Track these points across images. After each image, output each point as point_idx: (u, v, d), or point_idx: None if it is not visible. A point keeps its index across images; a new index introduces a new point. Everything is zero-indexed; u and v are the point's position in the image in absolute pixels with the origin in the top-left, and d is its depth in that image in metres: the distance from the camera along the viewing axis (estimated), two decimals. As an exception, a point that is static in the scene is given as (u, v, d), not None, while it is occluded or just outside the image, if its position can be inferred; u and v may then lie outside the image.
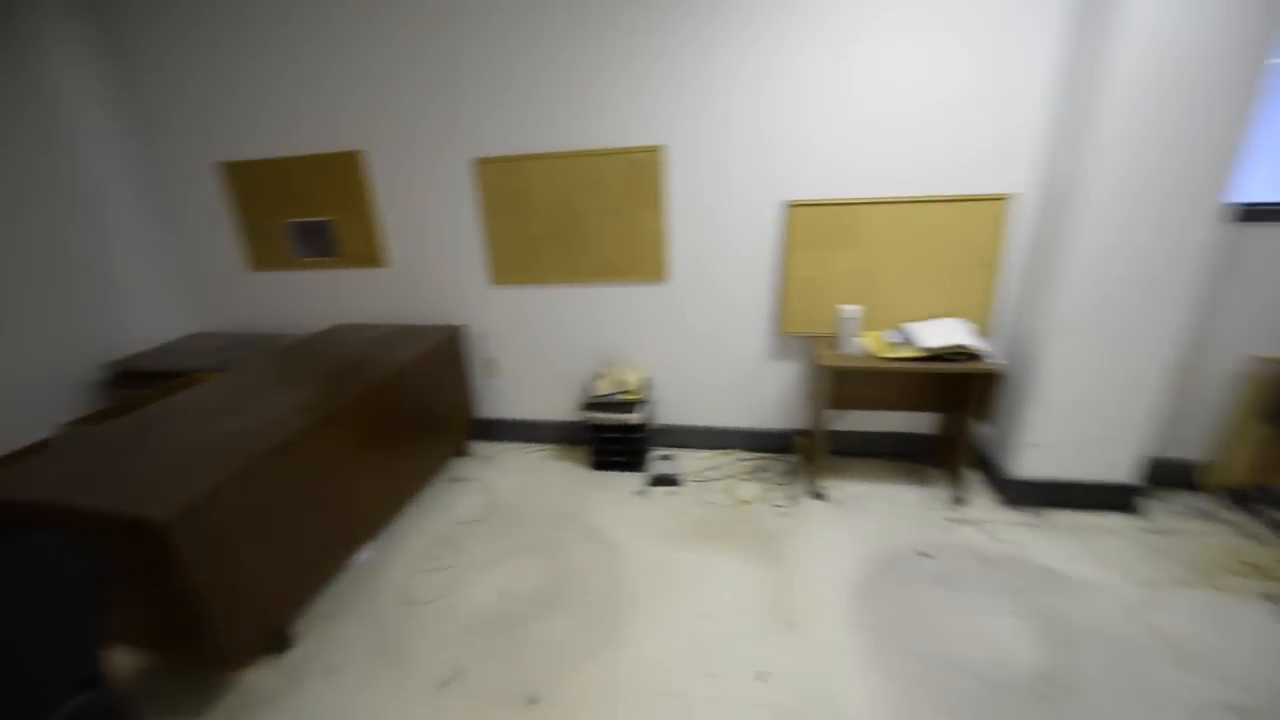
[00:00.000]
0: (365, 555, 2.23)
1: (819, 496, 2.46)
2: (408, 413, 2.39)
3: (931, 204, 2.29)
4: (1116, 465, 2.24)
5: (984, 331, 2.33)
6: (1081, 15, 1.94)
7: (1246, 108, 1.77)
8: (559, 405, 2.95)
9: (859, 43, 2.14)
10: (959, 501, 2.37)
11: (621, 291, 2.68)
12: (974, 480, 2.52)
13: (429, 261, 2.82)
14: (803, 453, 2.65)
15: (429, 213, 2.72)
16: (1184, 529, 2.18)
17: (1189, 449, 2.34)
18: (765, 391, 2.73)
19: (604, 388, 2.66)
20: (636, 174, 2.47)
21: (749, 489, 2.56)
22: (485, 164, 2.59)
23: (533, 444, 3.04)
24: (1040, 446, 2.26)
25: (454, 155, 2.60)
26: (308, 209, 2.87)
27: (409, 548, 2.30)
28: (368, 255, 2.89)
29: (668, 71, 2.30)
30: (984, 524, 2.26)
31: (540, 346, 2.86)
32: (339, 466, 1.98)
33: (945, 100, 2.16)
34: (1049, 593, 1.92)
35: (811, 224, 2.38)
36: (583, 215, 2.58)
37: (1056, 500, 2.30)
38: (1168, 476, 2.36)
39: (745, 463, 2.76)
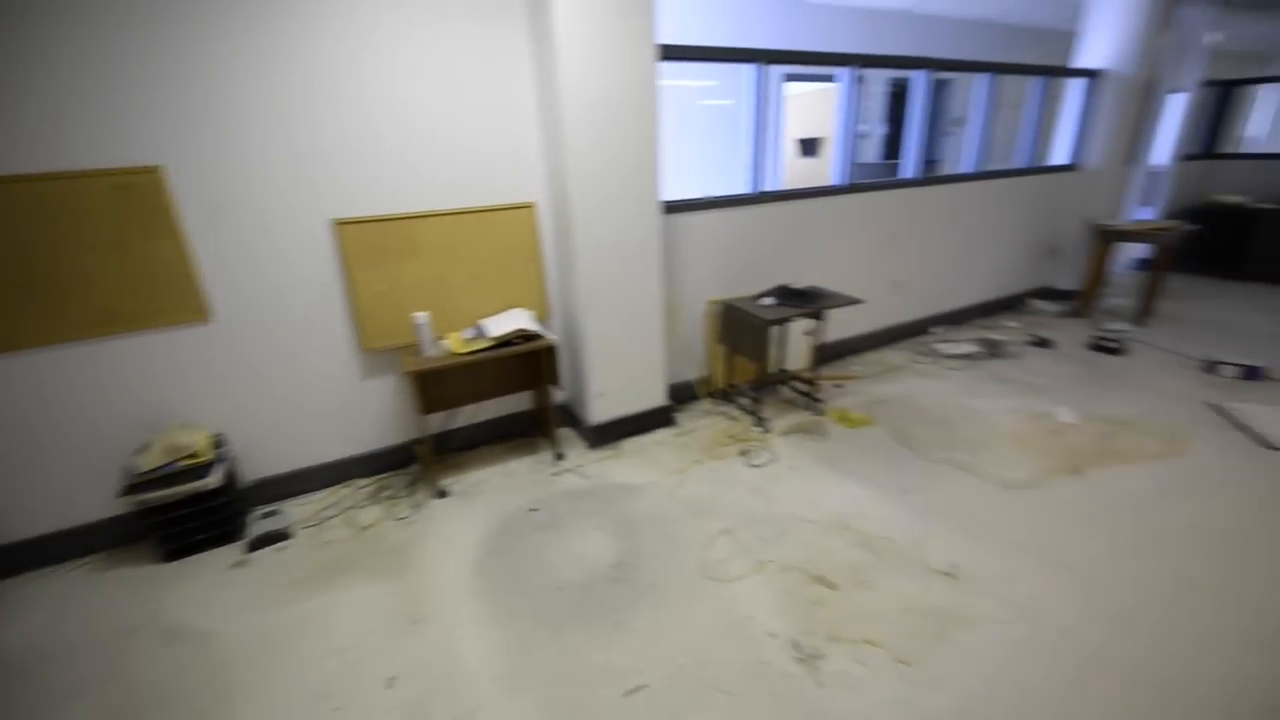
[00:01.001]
0: None
1: (442, 495, 2.58)
2: None
3: (476, 214, 2.61)
4: (652, 394, 3.03)
5: (542, 315, 2.82)
6: (539, 63, 2.49)
7: (650, 137, 2.58)
8: (94, 500, 2.28)
9: (386, 67, 2.26)
10: (559, 457, 2.83)
11: (149, 341, 2.22)
12: (569, 436, 3.05)
13: None
14: (422, 460, 2.72)
15: None
16: (698, 426, 3.11)
17: (690, 371, 3.34)
18: (369, 411, 2.69)
19: (154, 460, 2.18)
20: (131, 200, 2.06)
21: (371, 513, 2.50)
22: None
23: (63, 564, 2.28)
24: (603, 395, 2.88)
25: None
26: None
27: None
28: None
29: (162, 81, 1.98)
30: (578, 468, 2.76)
31: (33, 434, 2.14)
32: None
33: (470, 120, 2.47)
34: (621, 502, 2.49)
35: (367, 240, 2.43)
36: (61, 256, 2.02)
37: (624, 432, 2.98)
38: (683, 393, 3.32)
39: (366, 488, 2.67)
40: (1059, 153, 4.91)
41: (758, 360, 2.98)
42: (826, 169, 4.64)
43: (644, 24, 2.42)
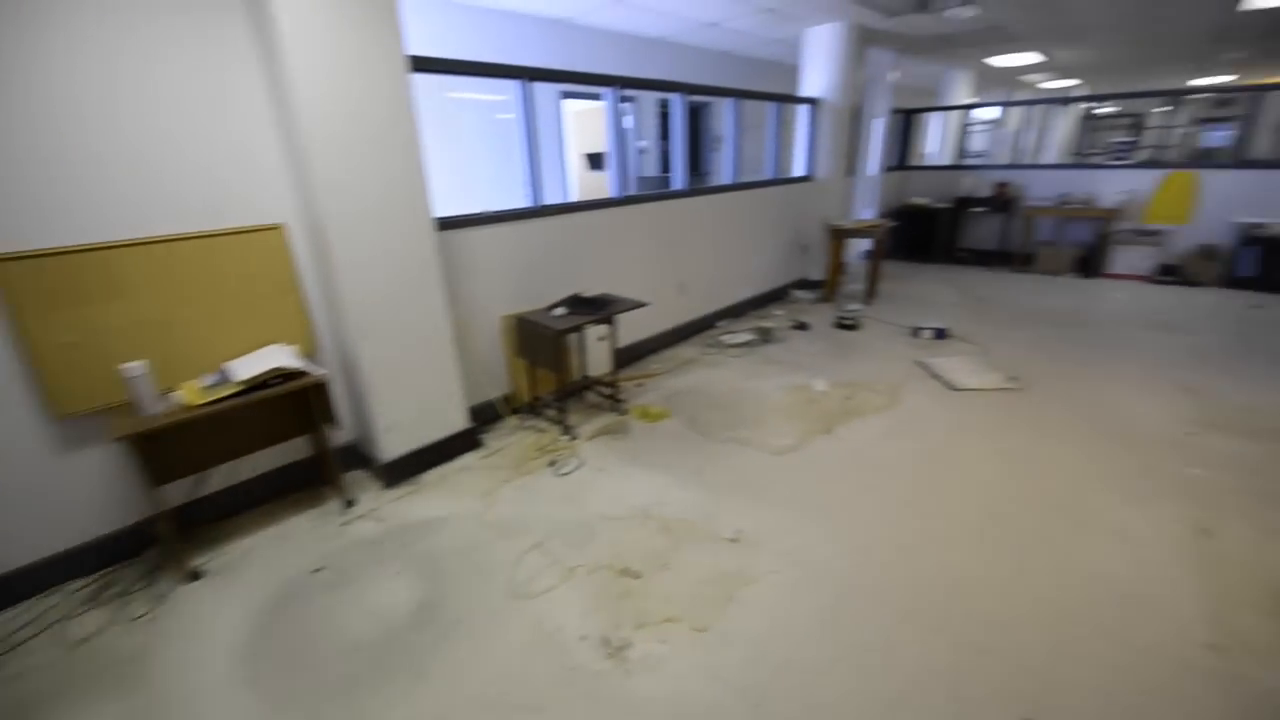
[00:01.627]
0: None
1: (195, 577, 2.16)
2: None
3: (205, 240, 2.23)
4: (451, 419, 2.89)
5: (308, 349, 2.52)
6: (268, 64, 2.22)
7: (412, 149, 2.47)
8: None
9: (64, 64, 1.80)
10: (348, 505, 2.56)
11: None
12: (360, 479, 2.77)
13: None
14: (162, 540, 2.24)
15: None
16: (506, 444, 3.06)
17: (492, 389, 3.27)
18: (79, 493, 2.14)
19: None
20: None
21: (92, 620, 1.99)
22: None
23: None
24: (394, 428, 2.67)
25: None
26: None
27: None
28: None
29: None
30: (372, 513, 2.52)
31: None
32: None
33: (182, 128, 2.10)
34: (423, 540, 2.33)
35: (45, 279, 1.93)
36: None
37: (424, 464, 2.80)
38: (487, 413, 3.23)
39: (85, 590, 2.12)
40: (798, 166, 5.83)
41: (558, 370, 3.02)
42: (611, 182, 4.87)
43: (387, 30, 2.30)
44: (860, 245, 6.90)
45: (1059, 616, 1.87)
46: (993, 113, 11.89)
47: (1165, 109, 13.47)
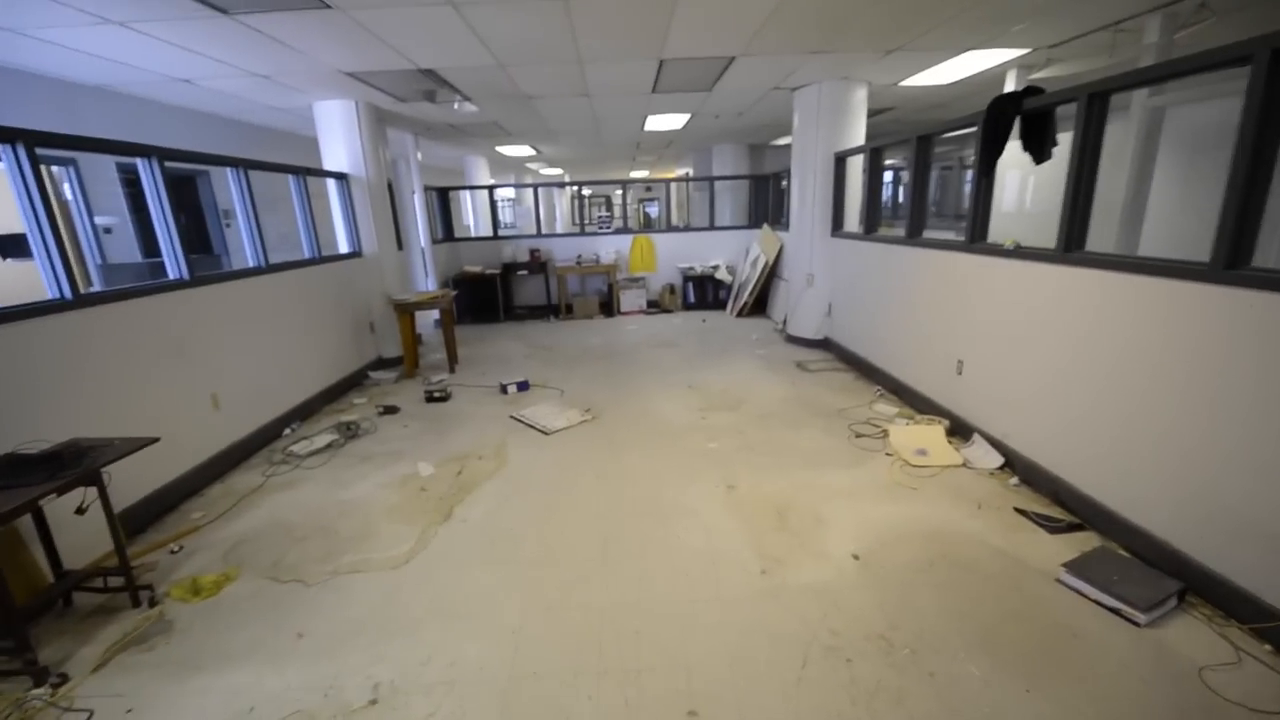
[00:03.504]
0: None
1: None
2: None
3: None
4: None
5: None
6: None
7: None
8: None
9: None
10: None
11: None
12: None
13: None
14: None
15: None
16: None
17: None
18: None
19: None
20: None
21: None
22: None
23: None
24: None
25: None
26: None
27: None
28: None
29: None
30: None
31: None
32: None
33: None
34: None
35: None
36: None
37: None
38: None
39: None
40: (342, 242, 5.39)
41: (-8, 587, 1.81)
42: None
43: None
44: (431, 315, 6.91)
45: (677, 601, 2.20)
46: (510, 192, 13.95)
47: (620, 191, 18.61)
